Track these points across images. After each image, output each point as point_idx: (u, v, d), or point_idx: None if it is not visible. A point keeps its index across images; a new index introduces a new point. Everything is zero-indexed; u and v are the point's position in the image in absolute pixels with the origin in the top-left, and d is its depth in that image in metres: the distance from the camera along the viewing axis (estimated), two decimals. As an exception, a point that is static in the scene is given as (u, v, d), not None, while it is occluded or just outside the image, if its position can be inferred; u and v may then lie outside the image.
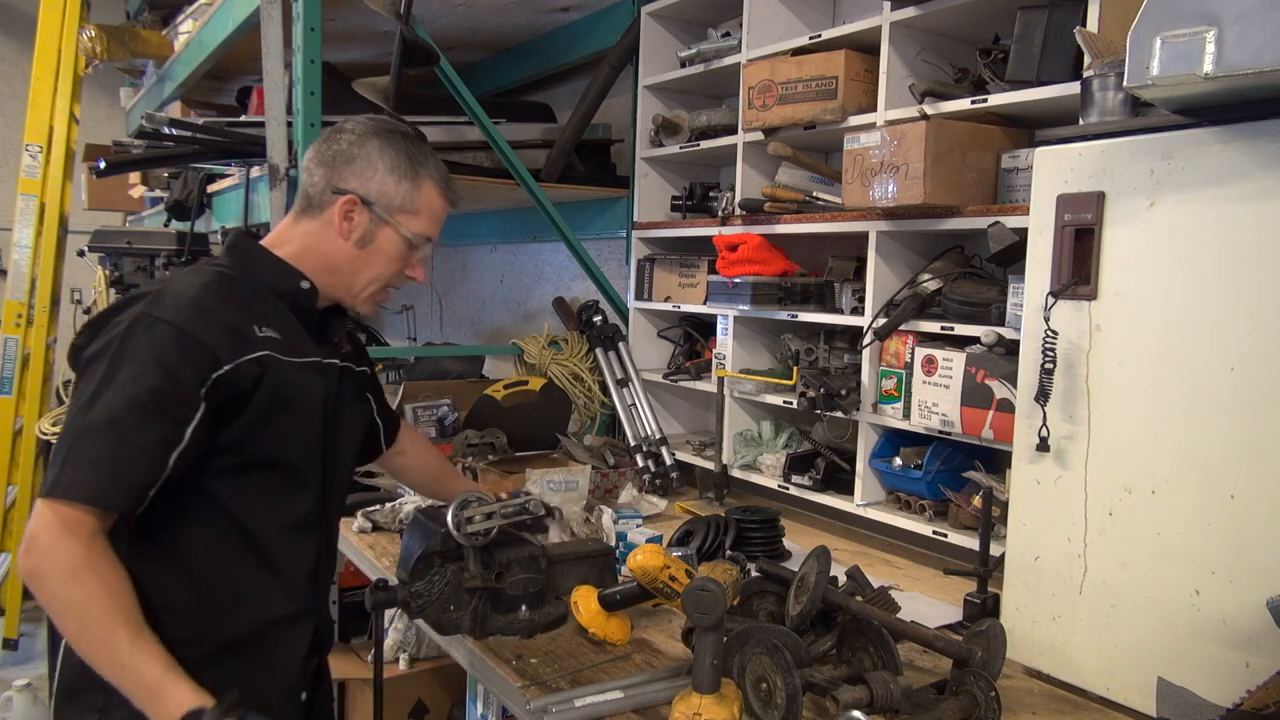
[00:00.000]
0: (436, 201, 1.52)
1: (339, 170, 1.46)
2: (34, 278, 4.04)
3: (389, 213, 1.46)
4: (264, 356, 1.35)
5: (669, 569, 1.58)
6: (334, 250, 1.47)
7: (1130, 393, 1.43)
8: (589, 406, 3.17)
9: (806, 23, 2.68)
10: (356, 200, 1.45)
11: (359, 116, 1.52)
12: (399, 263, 1.50)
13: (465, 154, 3.06)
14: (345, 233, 1.46)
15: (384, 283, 1.52)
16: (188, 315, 1.30)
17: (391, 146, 1.48)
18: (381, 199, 1.46)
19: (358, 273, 1.49)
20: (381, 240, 1.47)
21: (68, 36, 4.05)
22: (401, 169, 1.47)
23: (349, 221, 1.45)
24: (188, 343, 1.28)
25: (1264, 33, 1.13)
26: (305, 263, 1.47)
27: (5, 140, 5.75)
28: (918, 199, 2.00)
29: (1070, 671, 1.52)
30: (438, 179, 1.51)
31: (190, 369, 1.27)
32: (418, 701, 2.72)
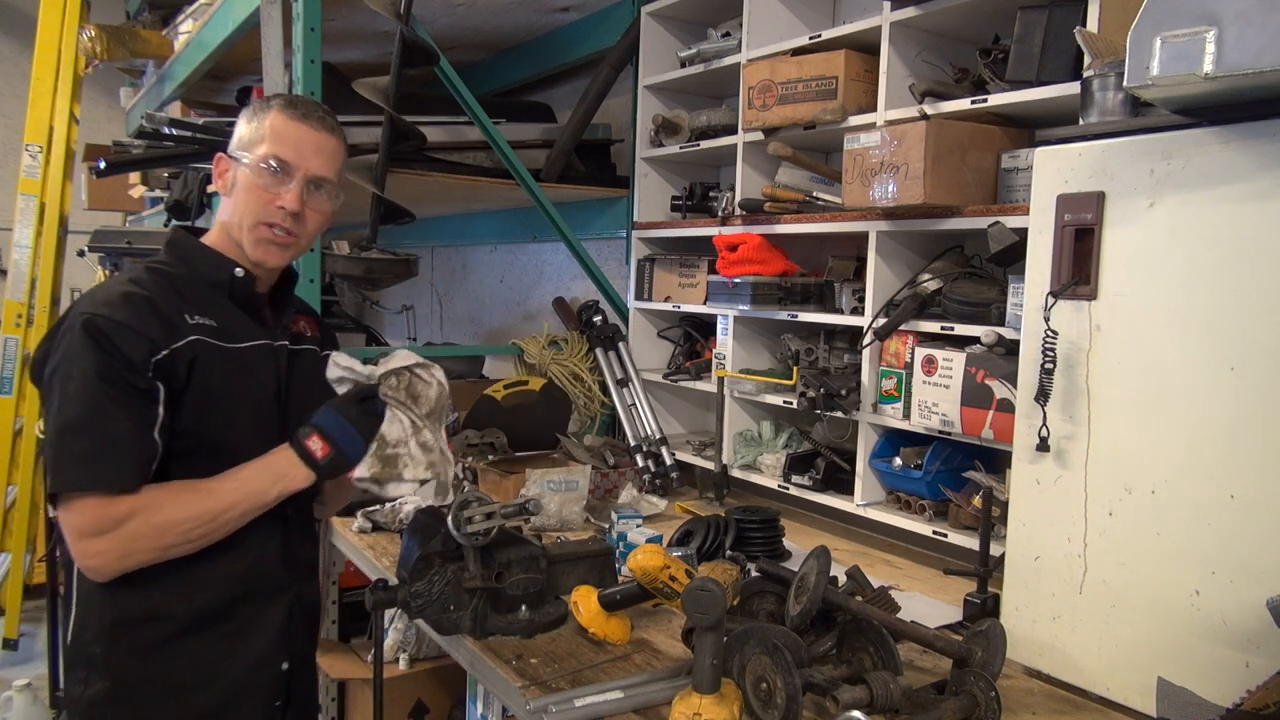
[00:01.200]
0: (281, 123, 1.51)
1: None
2: (34, 278, 4.04)
3: (239, 151, 1.51)
4: (195, 342, 1.41)
5: (669, 569, 1.58)
6: (221, 211, 1.54)
7: (1130, 392, 1.43)
8: (589, 406, 3.17)
9: (806, 23, 2.68)
10: (221, 155, 1.53)
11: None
12: (260, 192, 1.50)
13: (465, 154, 3.06)
14: (223, 189, 1.54)
15: (256, 216, 1.51)
16: (119, 308, 1.37)
17: (254, 103, 1.55)
18: (237, 145, 1.52)
19: (235, 218, 1.52)
20: (241, 178, 1.51)
21: (68, 36, 4.05)
22: (252, 111, 1.53)
23: (222, 179, 1.53)
24: (124, 331, 1.35)
25: (1264, 33, 1.13)
26: (217, 238, 1.54)
27: (5, 140, 5.75)
28: (918, 199, 2.00)
29: (1070, 671, 1.52)
30: (281, 105, 1.53)
31: (134, 352, 1.35)
32: (418, 701, 2.72)
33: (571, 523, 2.35)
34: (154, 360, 1.37)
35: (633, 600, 1.65)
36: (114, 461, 1.34)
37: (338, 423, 1.47)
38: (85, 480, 1.33)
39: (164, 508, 1.36)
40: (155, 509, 1.36)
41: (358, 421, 1.48)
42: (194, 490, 1.40)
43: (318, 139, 1.53)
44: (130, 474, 1.35)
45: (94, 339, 1.34)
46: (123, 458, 1.34)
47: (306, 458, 1.44)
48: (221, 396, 1.45)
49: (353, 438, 1.47)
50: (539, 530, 2.29)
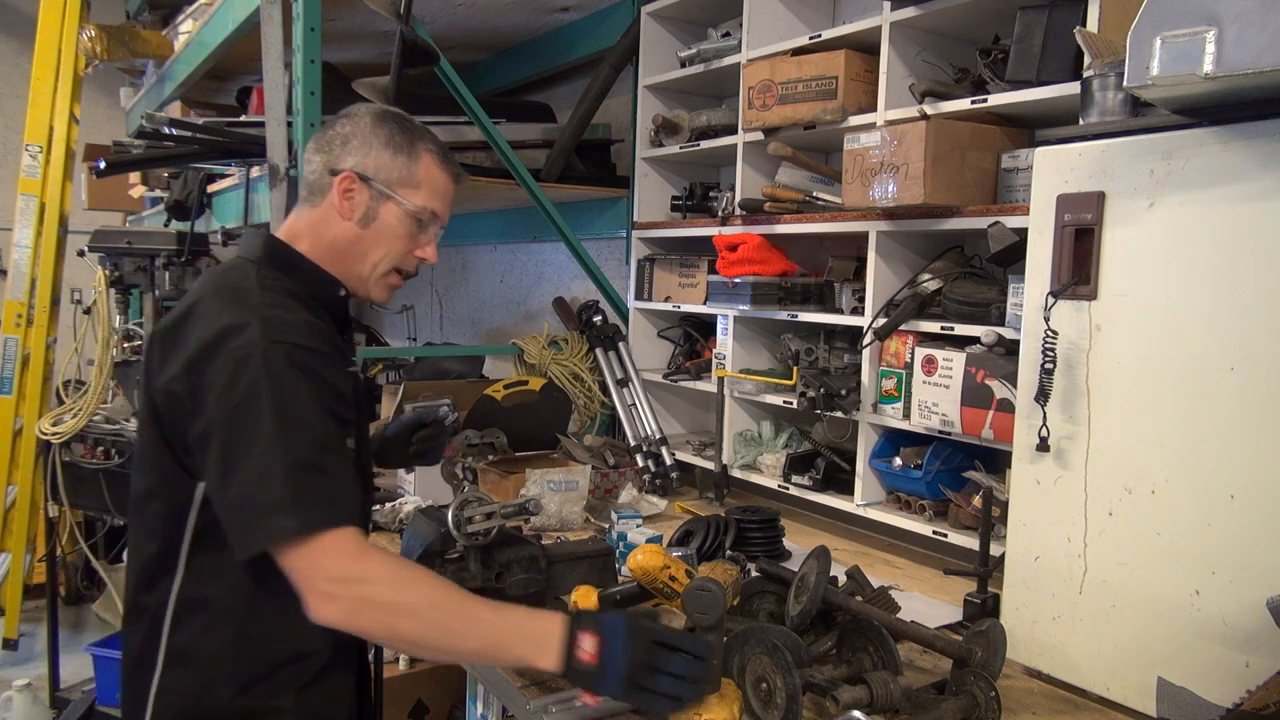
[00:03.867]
0: (437, 174, 1.46)
1: (335, 152, 1.42)
2: (34, 278, 4.04)
3: (389, 187, 1.42)
4: (353, 370, 1.38)
5: (669, 569, 1.58)
6: (339, 234, 1.42)
7: (1130, 393, 1.43)
8: (589, 406, 3.17)
9: (806, 23, 2.68)
10: (354, 176, 1.40)
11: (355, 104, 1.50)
12: (406, 240, 1.45)
13: (465, 154, 3.06)
14: (347, 213, 1.41)
15: (393, 263, 1.46)
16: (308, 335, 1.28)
17: (386, 123, 1.44)
18: (379, 173, 1.41)
19: (365, 255, 1.43)
20: (385, 216, 1.42)
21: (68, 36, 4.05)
22: (397, 143, 1.43)
23: (349, 200, 1.41)
24: (325, 359, 1.27)
25: (1264, 33, 1.13)
26: (318, 254, 1.43)
27: (5, 140, 5.75)
28: (918, 199, 2.00)
29: (1070, 671, 1.52)
30: (436, 151, 1.46)
31: (339, 383, 1.28)
32: (418, 702, 2.72)
33: (571, 523, 2.35)
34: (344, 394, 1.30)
35: (633, 600, 1.65)
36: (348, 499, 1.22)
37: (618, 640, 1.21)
38: (338, 516, 1.19)
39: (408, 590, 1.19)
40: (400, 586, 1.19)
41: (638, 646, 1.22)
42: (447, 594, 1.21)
43: (454, 191, 1.52)
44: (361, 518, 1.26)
45: (302, 370, 1.23)
46: (353, 496, 1.24)
47: (570, 646, 1.21)
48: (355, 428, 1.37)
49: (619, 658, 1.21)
50: (539, 530, 2.29)
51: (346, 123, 1.44)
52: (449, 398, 2.65)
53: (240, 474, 1.18)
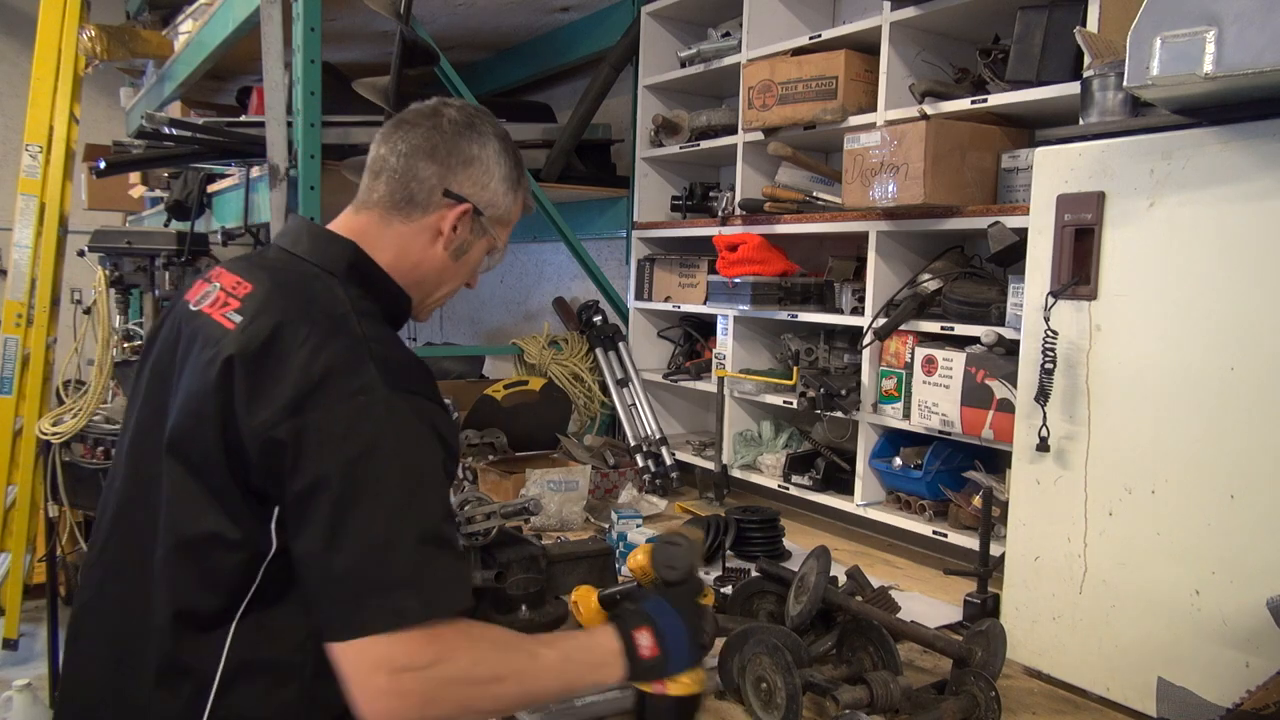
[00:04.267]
0: (522, 212, 1.39)
1: (455, 172, 1.28)
2: (34, 278, 4.04)
3: (492, 225, 1.32)
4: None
5: (669, 569, 1.58)
6: (428, 259, 1.29)
7: (1130, 393, 1.43)
8: (589, 406, 3.17)
9: (806, 23, 2.68)
10: (471, 211, 1.28)
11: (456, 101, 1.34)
12: (476, 270, 1.38)
13: (465, 154, 3.06)
14: (449, 243, 1.29)
15: (454, 287, 1.37)
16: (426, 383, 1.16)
17: (507, 152, 1.33)
18: (490, 209, 1.31)
19: (442, 283, 1.33)
20: (474, 251, 1.33)
21: (68, 36, 4.04)
22: (513, 180, 1.33)
23: (458, 234, 1.29)
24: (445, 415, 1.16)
25: (1264, 33, 1.13)
26: (397, 272, 1.28)
27: (5, 140, 5.74)
28: (918, 199, 2.00)
29: (1070, 671, 1.52)
30: (528, 190, 1.39)
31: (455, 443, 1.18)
32: (418, 701, 2.72)
33: (571, 523, 2.35)
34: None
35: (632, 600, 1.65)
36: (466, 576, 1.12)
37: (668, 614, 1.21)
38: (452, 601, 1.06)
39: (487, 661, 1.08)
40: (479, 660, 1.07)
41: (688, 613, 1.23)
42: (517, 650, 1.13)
43: None
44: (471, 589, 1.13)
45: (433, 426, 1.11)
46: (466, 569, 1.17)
47: (630, 650, 1.18)
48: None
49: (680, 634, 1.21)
50: (539, 530, 2.29)
51: (474, 140, 1.29)
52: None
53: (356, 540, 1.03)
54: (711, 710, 1.41)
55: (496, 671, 1.08)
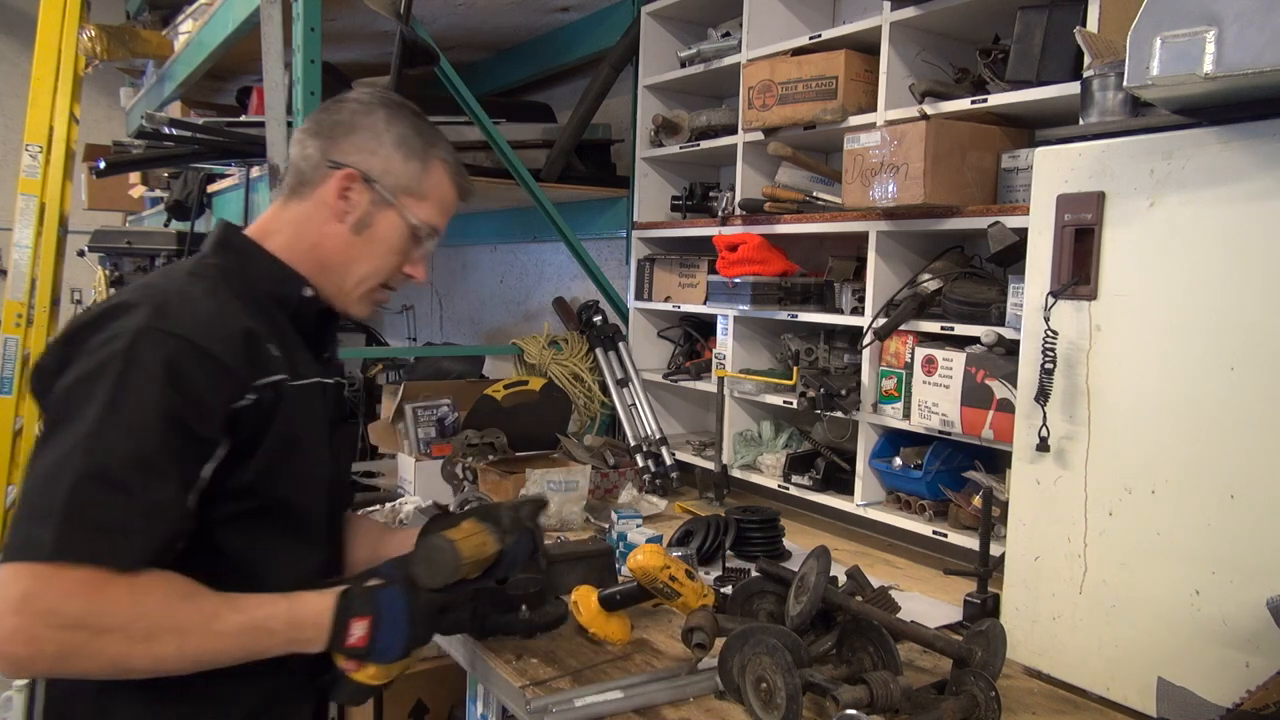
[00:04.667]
0: (446, 188, 1.33)
1: (338, 141, 1.27)
2: (34, 278, 4.04)
3: (393, 193, 1.27)
4: (280, 381, 1.17)
5: (669, 569, 1.58)
6: (327, 236, 1.27)
7: (1130, 392, 1.43)
8: (589, 406, 3.17)
9: (806, 23, 2.68)
10: (357, 175, 1.25)
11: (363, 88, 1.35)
12: (399, 255, 1.31)
13: (465, 154, 3.06)
14: (340, 213, 1.26)
15: (381, 278, 1.32)
16: (204, 331, 1.10)
17: (402, 120, 1.29)
18: (386, 176, 1.26)
19: (352, 265, 1.28)
20: (381, 226, 1.27)
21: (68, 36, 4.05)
22: (411, 145, 1.28)
23: (345, 200, 1.26)
24: (210, 365, 1.08)
25: (1264, 33, 1.13)
26: (294, 254, 1.27)
27: (5, 140, 5.75)
28: (918, 199, 2.00)
29: (1070, 671, 1.52)
30: (450, 163, 1.33)
31: (215, 397, 1.08)
32: (418, 702, 2.72)
33: (571, 523, 2.35)
34: (235, 408, 1.10)
35: (633, 600, 1.65)
36: (143, 534, 1.03)
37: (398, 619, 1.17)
38: (101, 552, 1.00)
39: (149, 615, 1.04)
40: (140, 614, 1.03)
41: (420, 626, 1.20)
42: (196, 608, 1.08)
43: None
44: (151, 551, 1.04)
45: (171, 371, 1.05)
46: (157, 530, 1.05)
47: (337, 633, 1.15)
48: (294, 448, 1.19)
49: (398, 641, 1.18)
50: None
51: (356, 110, 1.29)
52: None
53: (39, 464, 1.03)
54: (712, 710, 1.42)
55: (156, 628, 1.04)
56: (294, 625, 1.13)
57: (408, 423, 2.79)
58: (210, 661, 1.09)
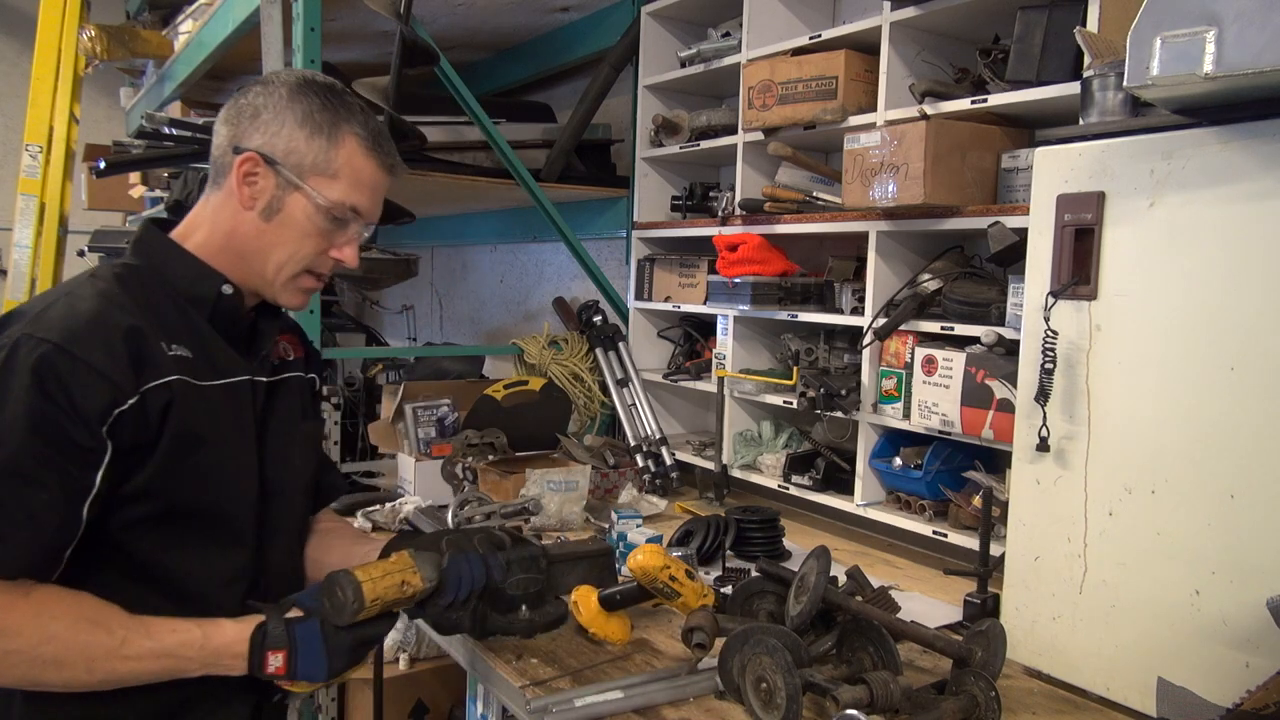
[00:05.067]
0: (362, 163, 1.24)
1: (242, 126, 1.22)
2: (34, 278, 4.04)
3: (299, 174, 1.21)
4: (174, 381, 1.14)
5: (669, 569, 1.58)
6: (238, 225, 1.23)
7: (1130, 393, 1.43)
8: (589, 406, 3.17)
9: (806, 23, 2.68)
10: (257, 158, 1.20)
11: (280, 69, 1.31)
12: (317, 239, 1.25)
13: (465, 154, 3.06)
14: (247, 201, 1.21)
15: (301, 264, 1.26)
16: (80, 336, 1.07)
17: (306, 96, 1.22)
18: (289, 157, 1.21)
19: (267, 252, 1.23)
20: (291, 209, 1.22)
21: (68, 36, 4.05)
22: (316, 122, 1.21)
23: (250, 186, 1.21)
24: (81, 371, 1.06)
25: (1264, 33, 1.13)
26: (211, 246, 1.24)
27: (5, 140, 5.75)
28: (918, 199, 2.00)
29: (1070, 671, 1.52)
30: (364, 136, 1.25)
31: (89, 402, 1.06)
32: (418, 702, 2.72)
33: (571, 523, 2.35)
34: (117, 412, 1.08)
35: (633, 600, 1.65)
36: (21, 541, 1.04)
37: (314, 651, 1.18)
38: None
39: (56, 640, 1.05)
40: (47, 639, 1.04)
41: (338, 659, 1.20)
42: (106, 634, 1.08)
43: (387, 184, 1.30)
44: (38, 562, 1.05)
45: (38, 377, 1.04)
46: (32, 538, 1.04)
47: (256, 663, 1.16)
48: (198, 449, 1.16)
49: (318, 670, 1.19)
50: (539, 530, 2.29)
51: (261, 92, 1.23)
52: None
53: None
54: (711, 710, 1.42)
55: (64, 654, 1.05)
56: (210, 652, 1.14)
57: (408, 423, 2.79)
58: (125, 683, 1.11)
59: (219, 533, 1.23)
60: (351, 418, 3.53)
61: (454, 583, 1.36)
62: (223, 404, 1.22)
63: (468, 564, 1.38)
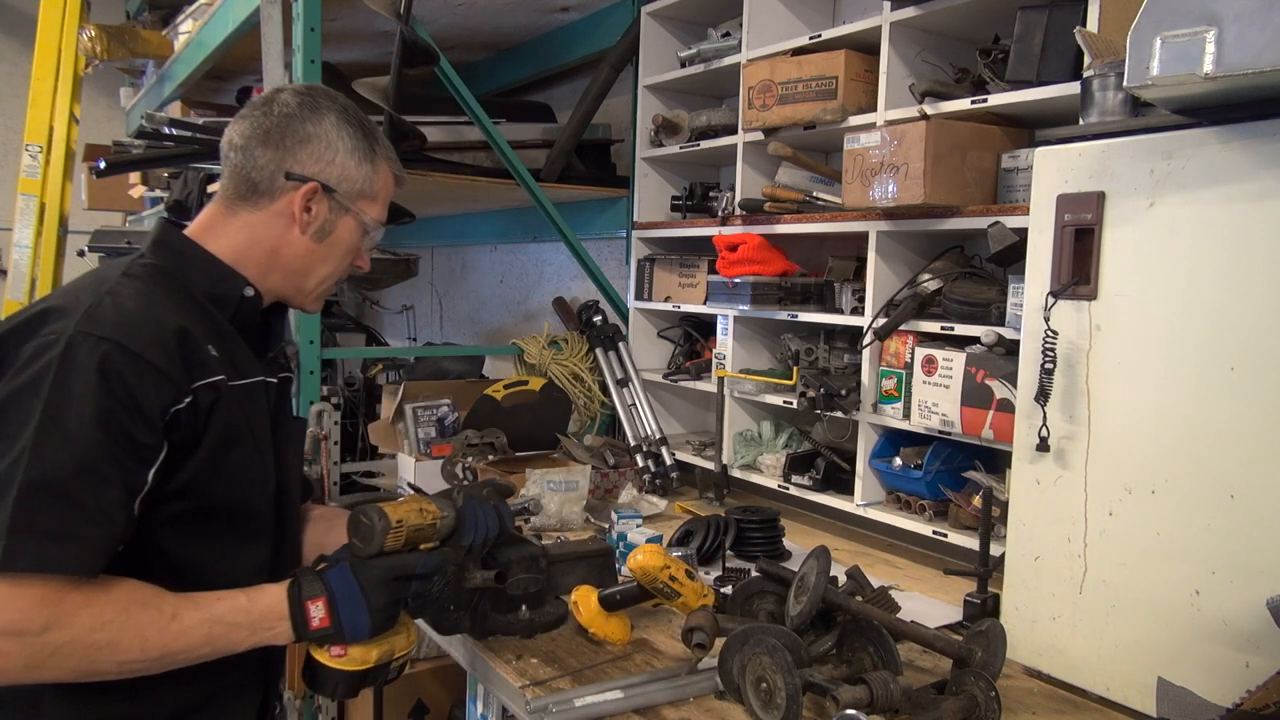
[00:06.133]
0: (390, 183, 1.38)
1: (294, 152, 1.27)
2: (34, 278, 4.04)
3: (351, 200, 1.31)
4: (219, 382, 1.17)
5: (669, 569, 1.58)
6: (288, 245, 1.29)
7: (1130, 393, 1.43)
8: (589, 406, 3.17)
9: (806, 23, 2.68)
10: (318, 189, 1.27)
11: (292, 85, 1.35)
12: (354, 254, 1.37)
13: (465, 154, 3.06)
14: (304, 225, 1.28)
15: (337, 277, 1.37)
16: (137, 334, 1.10)
17: (349, 124, 1.31)
18: (343, 184, 1.29)
19: (313, 269, 1.32)
20: (341, 231, 1.32)
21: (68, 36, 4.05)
22: (362, 150, 1.31)
23: (308, 213, 1.28)
24: (143, 369, 1.08)
25: (1264, 33, 1.13)
26: (248, 261, 1.28)
27: (5, 140, 5.75)
28: (918, 199, 2.00)
29: (1070, 671, 1.52)
30: (392, 159, 1.38)
31: (151, 401, 1.08)
32: (418, 702, 2.72)
33: (571, 523, 2.35)
34: (174, 410, 1.11)
35: (633, 600, 1.65)
36: (92, 539, 1.05)
37: (351, 591, 1.20)
38: (51, 560, 1.02)
39: (110, 625, 1.06)
40: (100, 625, 1.06)
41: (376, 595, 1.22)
42: (156, 612, 1.11)
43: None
44: (101, 556, 1.07)
45: (104, 376, 1.06)
46: (103, 536, 1.06)
47: (299, 619, 1.18)
48: (232, 449, 1.20)
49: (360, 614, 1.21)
50: (539, 530, 2.29)
51: (306, 118, 1.28)
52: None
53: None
54: (711, 710, 1.42)
55: (119, 637, 1.07)
56: (256, 616, 1.17)
57: (408, 423, 2.79)
58: (177, 660, 1.13)
59: (245, 529, 1.27)
60: (351, 418, 3.53)
61: (471, 523, 1.40)
62: (250, 403, 1.26)
63: (481, 510, 1.42)
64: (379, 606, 1.22)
